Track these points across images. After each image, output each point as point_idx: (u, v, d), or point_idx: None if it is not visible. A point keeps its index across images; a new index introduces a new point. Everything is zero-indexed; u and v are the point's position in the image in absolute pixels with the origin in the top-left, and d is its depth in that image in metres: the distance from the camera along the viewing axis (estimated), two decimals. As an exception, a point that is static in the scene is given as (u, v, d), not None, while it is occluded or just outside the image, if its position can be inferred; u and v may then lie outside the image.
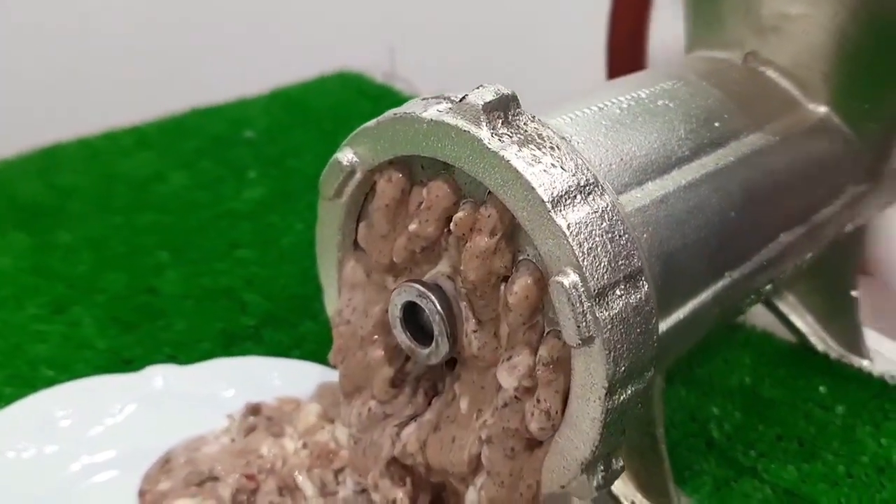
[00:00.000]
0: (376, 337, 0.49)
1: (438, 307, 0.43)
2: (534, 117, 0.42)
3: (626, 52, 0.81)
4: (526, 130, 0.41)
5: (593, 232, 0.39)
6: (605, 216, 0.40)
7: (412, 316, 0.46)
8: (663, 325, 0.43)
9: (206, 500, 0.51)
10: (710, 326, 0.49)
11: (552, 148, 0.40)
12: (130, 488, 0.51)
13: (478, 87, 0.41)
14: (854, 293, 0.66)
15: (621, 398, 0.40)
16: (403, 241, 0.46)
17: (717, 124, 0.49)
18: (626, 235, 0.40)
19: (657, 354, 0.41)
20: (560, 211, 0.39)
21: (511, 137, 0.40)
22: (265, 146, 0.89)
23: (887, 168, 0.58)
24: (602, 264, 0.39)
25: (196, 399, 0.56)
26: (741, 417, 0.62)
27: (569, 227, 0.38)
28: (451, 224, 0.43)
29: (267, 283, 0.70)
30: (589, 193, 0.40)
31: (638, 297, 0.40)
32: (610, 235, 0.39)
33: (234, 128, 0.91)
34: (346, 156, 0.46)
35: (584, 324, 0.38)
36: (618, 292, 0.39)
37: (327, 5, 1.03)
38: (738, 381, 0.65)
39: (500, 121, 0.41)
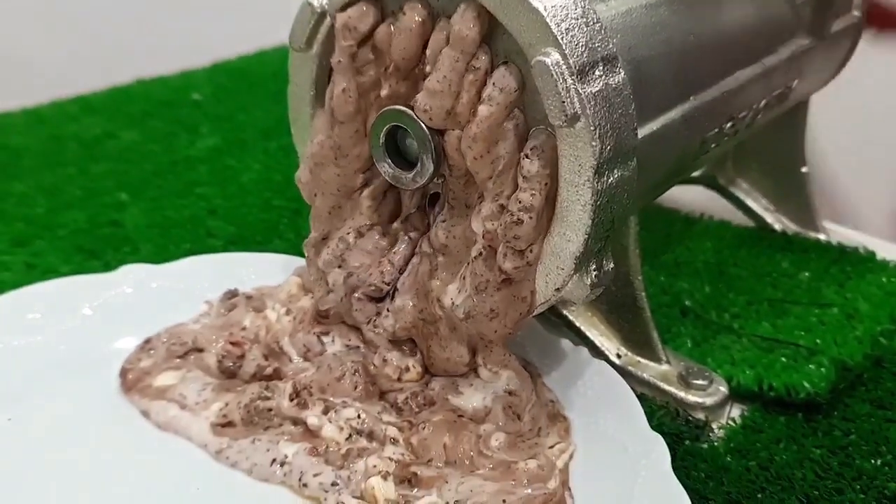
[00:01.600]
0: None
1: (423, 124, 0.44)
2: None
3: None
4: (494, -65, 0.42)
5: (569, 15, 0.40)
6: (578, 3, 0.41)
7: (394, 149, 0.47)
8: (639, 134, 0.44)
9: (190, 371, 0.50)
10: (679, 153, 0.51)
11: (520, -51, 0.42)
12: (109, 378, 0.50)
13: None
14: (804, 169, 0.69)
15: (609, 181, 0.41)
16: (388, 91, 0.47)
17: (667, -37, 0.52)
18: (600, 24, 0.41)
19: (636, 147, 0.43)
20: (535, -4, 0.40)
21: (480, -61, 0.42)
22: (214, 106, 0.89)
23: (827, 30, 0.61)
24: (580, 44, 0.40)
25: (173, 293, 0.55)
26: (710, 290, 0.63)
27: (545, 8, 0.40)
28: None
29: (230, 212, 0.70)
30: (560, -16, 0.41)
31: (616, 80, 0.41)
32: (585, 20, 0.41)
33: (181, 93, 0.91)
34: (316, -2, 0.47)
35: (569, 99, 0.39)
36: (597, 73, 0.41)
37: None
38: (702, 261, 0.67)
39: (468, -74, 0.42)
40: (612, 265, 0.45)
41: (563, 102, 0.39)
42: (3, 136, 0.80)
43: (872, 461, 0.49)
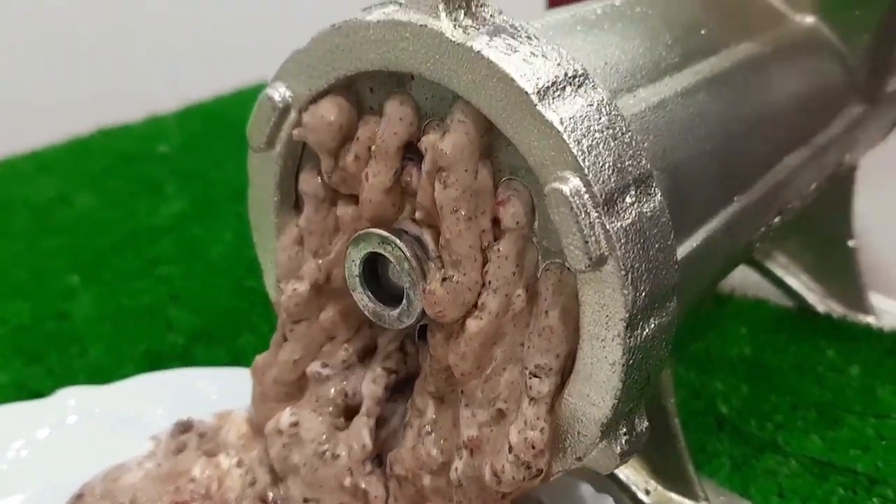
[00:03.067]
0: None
1: (406, 252, 0.35)
2: (500, 11, 0.35)
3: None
4: (494, 22, 0.34)
5: (591, 127, 0.32)
6: (603, 110, 0.32)
7: (373, 280, 0.38)
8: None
9: (128, 540, 0.41)
10: (720, 265, 0.42)
11: (528, 38, 0.33)
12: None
13: (431, -22, 0.34)
14: (851, 243, 0.60)
15: (644, 333, 0.33)
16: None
17: (703, 32, 0.43)
18: (630, 133, 0.33)
19: (677, 284, 0.34)
20: (549, 105, 0.31)
21: (478, 29, 0.33)
22: (182, 160, 0.80)
23: (883, 91, 0.52)
24: (606, 165, 0.31)
25: (118, 422, 0.47)
26: (749, 390, 0.55)
27: (562, 121, 0.31)
28: (421, 145, 0.35)
29: (195, 298, 0.61)
30: (580, 85, 0.33)
31: (652, 205, 0.33)
32: (611, 132, 0.32)
33: (146, 144, 0.82)
34: (276, 91, 0.38)
35: (592, 238, 0.31)
36: (628, 200, 0.32)
37: (240, 16, 0.95)
38: (737, 353, 0.59)
39: (463, 11, 0.33)
40: (645, 424, 0.36)
41: (587, 242, 0.31)
42: (-57, 205, 0.72)
43: None
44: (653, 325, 0.33)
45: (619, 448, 0.35)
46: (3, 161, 0.79)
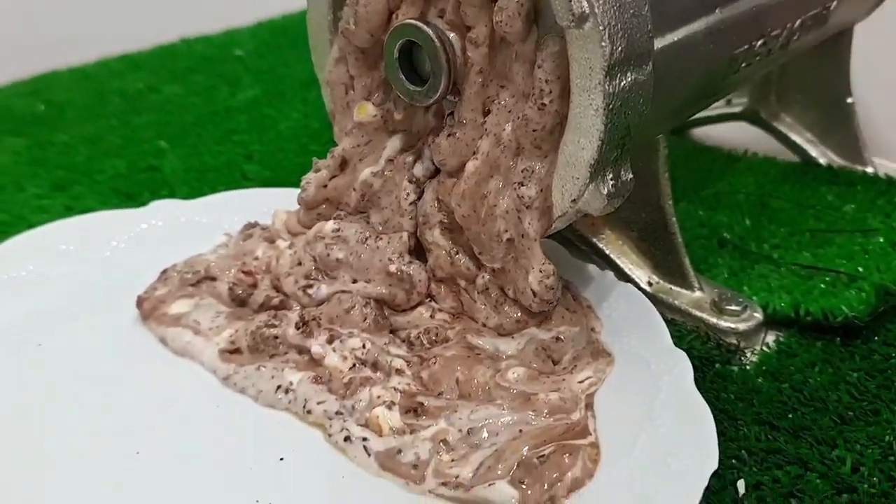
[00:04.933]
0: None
1: (434, 36, 0.44)
2: None
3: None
4: None
5: (575, -89, 0.39)
6: None
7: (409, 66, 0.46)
8: (658, 43, 0.43)
9: (203, 299, 0.50)
10: (703, 70, 0.49)
11: None
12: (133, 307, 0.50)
13: None
14: (849, 100, 0.66)
15: (621, 84, 0.40)
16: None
17: None
18: (609, -78, 0.40)
19: (651, 51, 0.41)
20: None
21: None
22: (255, 61, 0.90)
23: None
24: (588, -60, 0.39)
25: (199, 227, 0.56)
26: (751, 223, 0.62)
27: None
28: None
29: (267, 157, 0.70)
30: None
31: (627, -21, 0.40)
32: (592, -82, 0.40)
33: (224, 49, 0.92)
34: (329, -82, 0.47)
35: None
36: (607, -29, 0.39)
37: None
38: (744, 196, 0.65)
39: None
40: (630, 176, 0.44)
41: (571, 2, 0.38)
42: (48, 91, 0.82)
43: (913, 383, 0.47)
44: (630, 78, 0.40)
45: (605, 190, 0.42)
46: (98, 61, 0.89)
